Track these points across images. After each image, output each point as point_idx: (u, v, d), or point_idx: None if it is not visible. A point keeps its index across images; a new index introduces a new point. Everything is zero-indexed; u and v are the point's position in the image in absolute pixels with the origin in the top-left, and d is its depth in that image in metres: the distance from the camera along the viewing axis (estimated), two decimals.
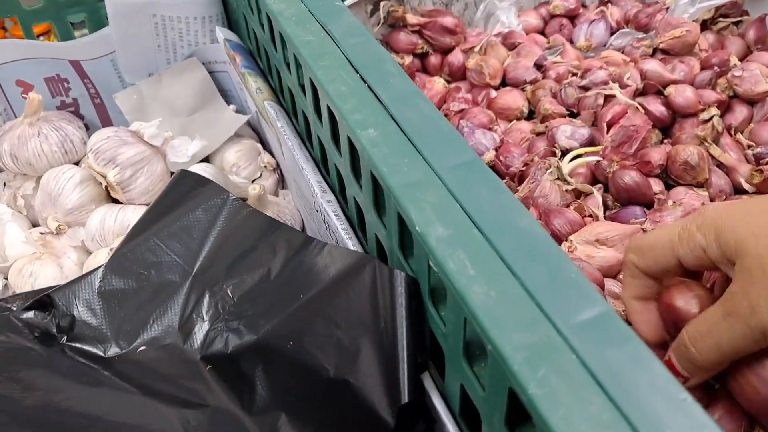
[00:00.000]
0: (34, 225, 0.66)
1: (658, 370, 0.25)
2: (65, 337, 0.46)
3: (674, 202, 0.56)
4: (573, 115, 0.70)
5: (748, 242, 0.34)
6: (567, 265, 0.29)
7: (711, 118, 0.64)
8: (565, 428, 0.23)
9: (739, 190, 0.60)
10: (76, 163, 0.67)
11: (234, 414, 0.40)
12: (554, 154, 0.62)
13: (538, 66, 0.76)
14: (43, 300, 0.47)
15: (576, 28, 0.82)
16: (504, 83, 0.77)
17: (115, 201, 0.63)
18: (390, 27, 0.80)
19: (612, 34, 0.80)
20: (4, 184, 0.70)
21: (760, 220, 0.34)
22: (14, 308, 0.47)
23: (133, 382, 0.43)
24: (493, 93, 0.74)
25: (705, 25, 0.81)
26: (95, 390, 0.42)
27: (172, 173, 0.62)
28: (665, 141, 0.66)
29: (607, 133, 0.63)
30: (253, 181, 0.66)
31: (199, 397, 0.42)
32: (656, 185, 0.59)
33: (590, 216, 0.56)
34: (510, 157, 0.64)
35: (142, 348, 0.45)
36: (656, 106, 0.66)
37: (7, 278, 0.60)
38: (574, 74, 0.73)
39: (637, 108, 0.66)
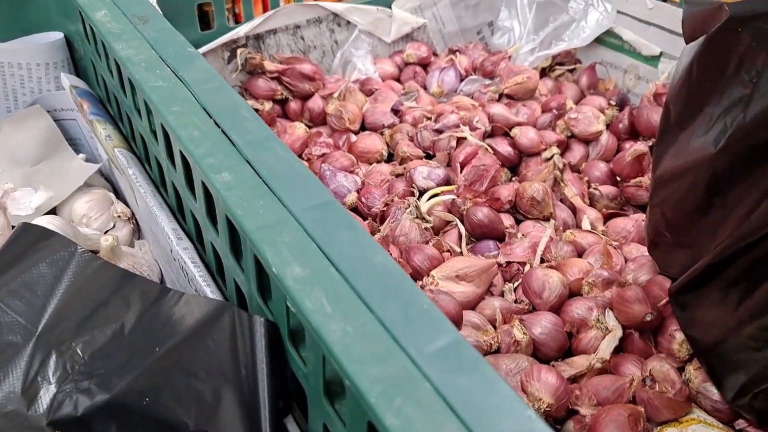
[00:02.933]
0: None
1: (505, 391, 0.26)
2: None
3: (523, 234, 0.60)
4: (429, 156, 0.73)
5: None
6: (419, 297, 0.30)
7: (552, 156, 0.69)
8: None
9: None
10: None
11: None
12: (412, 194, 0.65)
13: (395, 111, 0.79)
14: None
15: (428, 75, 0.86)
16: (363, 127, 0.79)
17: None
18: (248, 74, 0.80)
19: (462, 80, 0.85)
20: None
21: None
22: None
23: None
24: (353, 137, 0.76)
25: (544, 72, 0.89)
26: None
27: (14, 227, 0.58)
28: (513, 179, 0.71)
29: (461, 172, 0.67)
30: (105, 233, 0.63)
31: None
32: (507, 220, 0.63)
33: (448, 251, 0.58)
34: (371, 198, 0.65)
35: None
36: (504, 147, 0.71)
37: None
38: (429, 118, 0.77)
39: (486, 149, 0.70)
